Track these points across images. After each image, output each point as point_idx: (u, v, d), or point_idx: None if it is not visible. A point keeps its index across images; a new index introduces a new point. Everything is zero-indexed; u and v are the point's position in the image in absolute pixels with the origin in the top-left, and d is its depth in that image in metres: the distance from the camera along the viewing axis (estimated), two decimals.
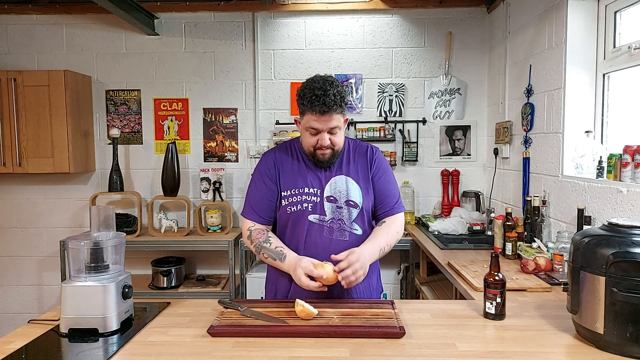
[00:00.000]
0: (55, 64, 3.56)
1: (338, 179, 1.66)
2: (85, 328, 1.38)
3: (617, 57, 2.20)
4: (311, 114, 1.55)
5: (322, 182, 1.65)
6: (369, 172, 1.69)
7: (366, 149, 1.73)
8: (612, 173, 2.01)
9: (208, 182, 3.44)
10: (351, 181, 1.66)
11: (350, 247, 1.57)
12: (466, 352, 1.25)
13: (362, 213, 1.66)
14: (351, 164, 1.69)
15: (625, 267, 1.19)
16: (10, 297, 3.74)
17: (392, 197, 1.71)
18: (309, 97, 1.53)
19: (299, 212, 1.63)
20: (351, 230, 1.65)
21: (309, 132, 1.59)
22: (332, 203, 1.64)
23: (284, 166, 1.68)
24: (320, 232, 1.63)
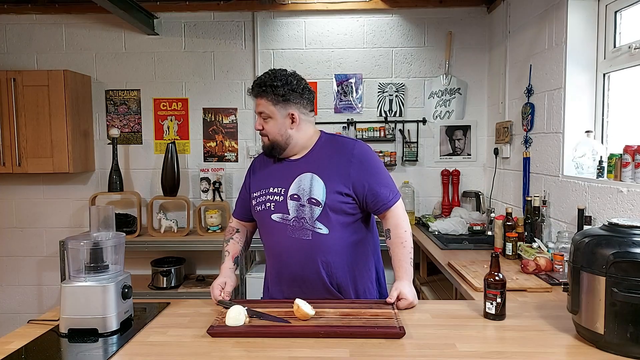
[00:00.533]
0: (55, 64, 3.56)
1: (304, 176, 1.63)
2: (84, 328, 1.37)
3: (618, 57, 2.20)
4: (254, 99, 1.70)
5: (289, 179, 1.64)
6: (348, 171, 1.62)
7: (347, 146, 1.67)
8: (613, 173, 2.01)
9: (208, 182, 3.44)
10: (316, 178, 1.61)
11: (314, 248, 1.60)
12: (466, 352, 1.25)
13: (325, 211, 1.59)
14: (321, 161, 1.65)
15: (625, 267, 1.19)
16: (9, 297, 3.73)
17: (383, 190, 1.65)
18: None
19: (263, 212, 1.67)
20: (314, 229, 1.60)
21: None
22: (296, 201, 1.61)
23: (259, 169, 1.77)
24: (284, 231, 1.62)
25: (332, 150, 1.68)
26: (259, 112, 1.65)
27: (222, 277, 1.70)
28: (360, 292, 1.70)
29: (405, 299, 1.57)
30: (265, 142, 1.68)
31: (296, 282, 1.67)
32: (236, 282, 1.75)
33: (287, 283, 1.69)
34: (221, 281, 1.68)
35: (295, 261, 1.64)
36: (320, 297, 1.64)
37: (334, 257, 1.63)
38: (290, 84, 1.65)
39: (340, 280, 1.65)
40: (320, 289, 1.65)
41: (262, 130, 1.66)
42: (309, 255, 1.62)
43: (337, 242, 1.63)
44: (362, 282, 1.70)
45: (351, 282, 1.68)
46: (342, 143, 1.70)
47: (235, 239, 1.82)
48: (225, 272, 1.72)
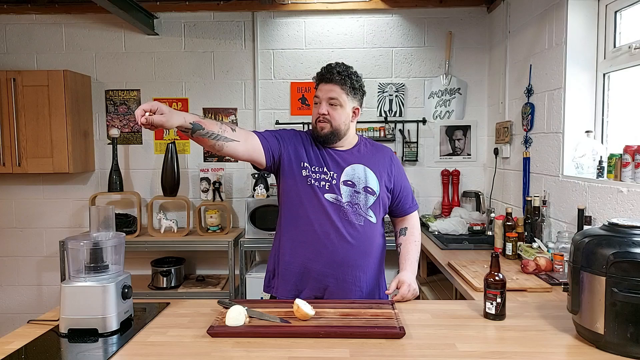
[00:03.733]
0: (55, 64, 3.56)
1: (356, 166, 1.73)
2: (84, 328, 1.37)
3: (618, 56, 2.20)
4: (318, 84, 1.71)
5: (341, 167, 1.71)
6: (390, 170, 1.79)
7: (385, 149, 1.86)
8: (613, 173, 2.01)
9: (208, 182, 3.44)
10: (369, 171, 1.73)
11: (362, 236, 1.68)
12: (466, 352, 1.25)
13: (378, 201, 1.73)
14: (370, 157, 1.77)
15: (625, 267, 1.19)
16: (9, 298, 3.73)
17: (410, 195, 1.86)
18: (320, 70, 1.72)
19: (317, 188, 1.68)
20: (366, 216, 1.71)
21: (315, 104, 1.72)
22: (350, 187, 1.70)
23: (308, 146, 1.75)
24: (337, 212, 1.67)
25: (375, 150, 1.82)
26: (331, 98, 1.67)
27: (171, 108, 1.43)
28: (379, 285, 1.79)
29: (404, 284, 1.64)
30: (325, 129, 1.69)
31: (331, 266, 1.66)
32: (170, 124, 1.41)
33: (318, 265, 1.66)
34: (163, 107, 1.39)
35: (342, 245, 1.66)
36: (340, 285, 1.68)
37: (376, 247, 1.75)
38: (361, 82, 1.75)
39: (370, 271, 1.73)
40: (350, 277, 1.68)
41: (327, 116, 1.67)
42: (359, 240, 1.68)
43: (379, 232, 1.77)
44: (381, 274, 1.81)
45: (377, 274, 1.77)
46: (380, 146, 1.87)
47: (228, 126, 1.58)
48: (179, 112, 1.47)
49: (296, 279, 1.71)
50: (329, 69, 1.69)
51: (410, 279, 1.70)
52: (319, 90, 1.70)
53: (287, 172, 1.71)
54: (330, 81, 1.67)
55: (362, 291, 1.72)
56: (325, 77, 1.68)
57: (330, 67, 1.70)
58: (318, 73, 1.72)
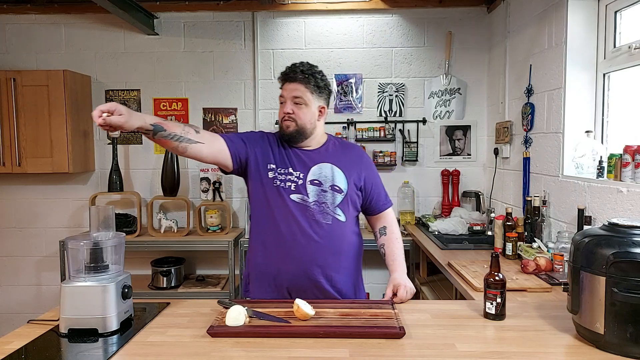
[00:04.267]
0: (55, 64, 3.56)
1: (323, 165, 1.72)
2: (84, 328, 1.37)
3: (617, 56, 2.20)
4: (283, 83, 1.70)
5: (307, 166, 1.71)
6: (360, 168, 1.77)
7: (356, 147, 1.88)
8: (613, 173, 2.01)
9: (208, 182, 3.44)
10: (336, 168, 1.72)
11: (330, 234, 1.67)
12: (466, 352, 1.25)
13: (346, 199, 1.71)
14: (338, 156, 1.76)
15: (625, 267, 1.19)
16: (9, 297, 3.73)
17: (383, 193, 1.85)
18: (285, 69, 1.71)
19: (282, 189, 1.67)
20: (334, 215, 1.69)
21: (280, 104, 1.72)
22: (317, 186, 1.69)
23: (276, 146, 1.74)
24: (303, 213, 1.66)
25: (344, 148, 1.82)
26: (295, 97, 1.67)
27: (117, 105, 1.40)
28: (356, 286, 1.79)
29: (400, 286, 1.64)
30: (290, 127, 1.68)
31: (301, 266, 1.65)
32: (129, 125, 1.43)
33: (288, 267, 1.66)
34: (122, 108, 1.39)
35: (310, 245, 1.65)
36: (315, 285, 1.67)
37: (348, 246, 1.73)
38: (325, 80, 1.76)
39: (344, 270, 1.72)
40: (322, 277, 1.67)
41: (292, 115, 1.67)
42: (326, 239, 1.67)
43: (350, 231, 1.74)
44: (358, 275, 1.82)
45: (352, 274, 1.77)
46: (350, 144, 1.89)
47: (192, 128, 1.59)
48: (139, 114, 1.48)
49: (270, 281, 1.70)
50: (293, 68, 1.69)
51: (404, 279, 1.70)
52: (284, 90, 1.69)
53: (254, 174, 1.71)
54: (294, 80, 1.67)
55: (339, 292, 1.71)
56: (289, 76, 1.68)
57: (294, 67, 1.69)
58: (282, 72, 1.71)
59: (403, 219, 3.48)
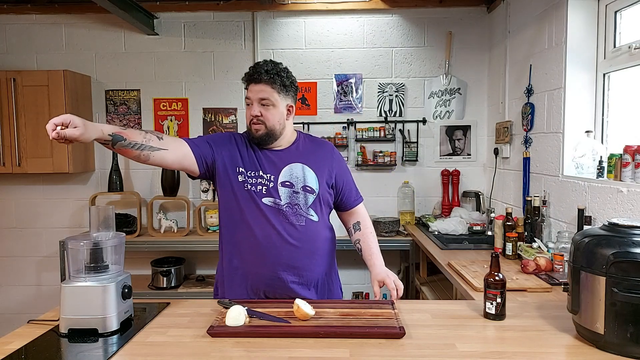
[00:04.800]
0: (55, 64, 3.56)
1: (294, 166, 1.69)
2: (84, 328, 1.37)
3: (617, 56, 2.20)
4: (248, 84, 1.65)
5: (278, 168, 1.68)
6: (332, 165, 1.75)
7: (325, 143, 1.84)
8: (613, 173, 2.01)
9: (207, 182, 3.44)
10: (307, 168, 1.69)
11: (305, 236, 1.66)
12: (466, 352, 1.25)
13: (318, 199, 1.70)
14: (308, 154, 1.73)
15: (625, 267, 1.19)
16: (9, 297, 3.73)
17: (354, 189, 1.84)
18: (248, 70, 1.66)
19: (253, 193, 1.64)
20: (307, 216, 1.68)
21: (246, 105, 1.68)
22: (288, 188, 1.66)
23: (244, 149, 1.70)
24: (276, 216, 1.64)
25: (314, 146, 1.78)
26: (262, 98, 1.62)
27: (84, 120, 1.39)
28: (329, 278, 1.78)
29: (386, 279, 1.67)
30: (260, 131, 1.64)
31: (277, 269, 1.64)
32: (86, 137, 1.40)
33: (264, 270, 1.64)
34: (77, 120, 1.38)
35: (285, 247, 1.64)
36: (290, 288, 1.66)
37: (322, 243, 1.72)
38: (291, 77, 1.71)
39: (319, 268, 1.72)
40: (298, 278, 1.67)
41: (261, 117, 1.63)
42: (301, 241, 1.66)
43: (323, 227, 1.74)
44: (332, 267, 1.81)
45: (326, 269, 1.76)
46: (320, 141, 1.85)
47: (154, 135, 1.54)
48: (95, 125, 1.44)
49: (245, 284, 1.68)
50: (257, 68, 1.63)
51: (385, 271, 1.71)
52: (250, 91, 1.64)
53: (222, 178, 1.67)
54: (259, 81, 1.61)
55: (316, 290, 1.72)
56: (254, 77, 1.62)
57: (258, 67, 1.63)
58: (246, 73, 1.66)
59: (403, 219, 3.48)
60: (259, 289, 1.68)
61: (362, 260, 1.81)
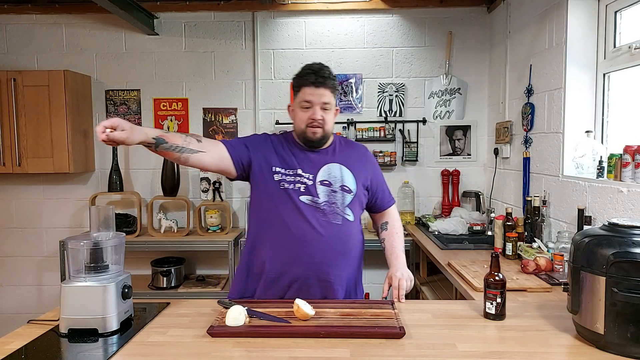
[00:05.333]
0: (55, 64, 3.56)
1: (332, 166, 1.72)
2: (84, 328, 1.37)
3: (618, 56, 2.20)
4: (307, 87, 1.64)
5: (316, 167, 1.71)
6: (366, 167, 1.80)
7: (360, 146, 1.88)
8: (613, 173, 2.01)
9: (208, 182, 3.44)
10: (345, 169, 1.73)
11: (341, 235, 1.68)
12: (466, 352, 1.25)
13: (355, 199, 1.73)
14: (345, 155, 1.77)
15: (625, 267, 1.19)
16: (9, 297, 3.73)
17: (387, 191, 1.89)
18: (306, 72, 1.66)
19: (291, 191, 1.67)
20: (344, 215, 1.70)
21: (302, 107, 1.66)
22: (327, 187, 1.69)
23: (277, 145, 1.74)
24: (314, 214, 1.66)
25: (350, 148, 1.82)
26: (325, 102, 1.65)
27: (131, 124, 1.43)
28: (357, 283, 1.81)
29: (393, 278, 1.70)
30: (318, 133, 1.67)
31: (311, 267, 1.64)
32: (132, 140, 1.43)
33: (298, 267, 1.64)
34: (125, 123, 1.40)
35: (321, 245, 1.64)
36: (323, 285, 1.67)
37: (355, 245, 1.75)
38: (335, 76, 1.75)
39: (350, 269, 1.73)
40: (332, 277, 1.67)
41: (321, 120, 1.65)
42: (336, 239, 1.67)
43: (357, 230, 1.77)
44: (360, 273, 1.83)
45: (356, 272, 1.78)
46: (354, 143, 1.90)
47: (193, 138, 1.60)
48: (141, 128, 1.47)
49: (276, 281, 1.68)
50: (320, 72, 1.64)
51: (400, 269, 1.73)
52: (311, 95, 1.63)
53: (258, 178, 1.70)
54: (322, 85, 1.63)
55: (343, 290, 1.72)
56: (318, 81, 1.63)
57: (320, 71, 1.64)
58: (304, 75, 1.65)
59: (403, 219, 3.48)
60: (290, 286, 1.67)
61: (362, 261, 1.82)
